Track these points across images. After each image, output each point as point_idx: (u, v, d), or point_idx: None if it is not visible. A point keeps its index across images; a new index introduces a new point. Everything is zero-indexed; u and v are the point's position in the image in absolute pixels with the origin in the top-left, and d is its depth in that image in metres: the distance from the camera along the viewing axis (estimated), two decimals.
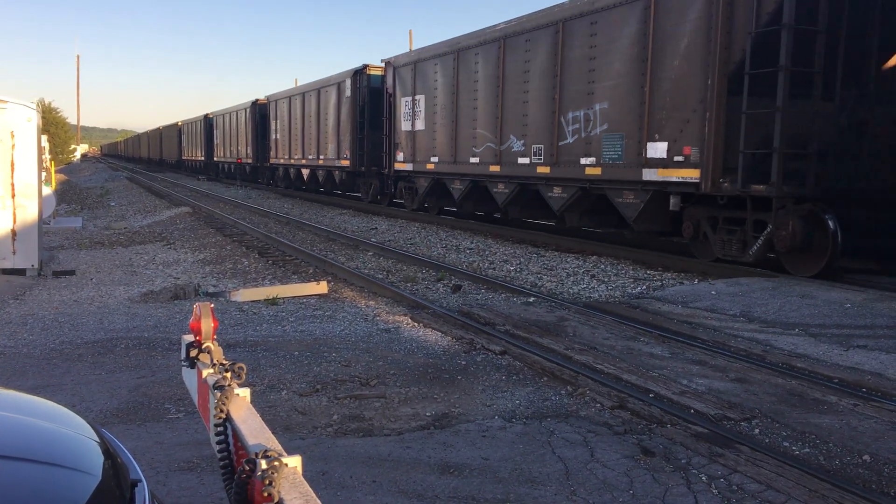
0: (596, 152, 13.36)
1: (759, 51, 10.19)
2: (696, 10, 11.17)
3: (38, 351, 7.04)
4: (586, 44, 13.46)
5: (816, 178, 10.42)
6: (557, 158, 14.45)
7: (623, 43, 12.61)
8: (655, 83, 11.95)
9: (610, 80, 12.96)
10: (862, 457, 4.61)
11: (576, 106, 13.82)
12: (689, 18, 11.32)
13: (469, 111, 17.44)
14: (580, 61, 13.64)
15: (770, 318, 8.38)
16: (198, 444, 4.65)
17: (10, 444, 1.82)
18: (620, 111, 12.78)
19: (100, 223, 21.65)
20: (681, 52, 11.45)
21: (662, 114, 11.89)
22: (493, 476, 4.28)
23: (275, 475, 1.48)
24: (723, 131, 10.88)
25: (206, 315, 2.30)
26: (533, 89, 15.05)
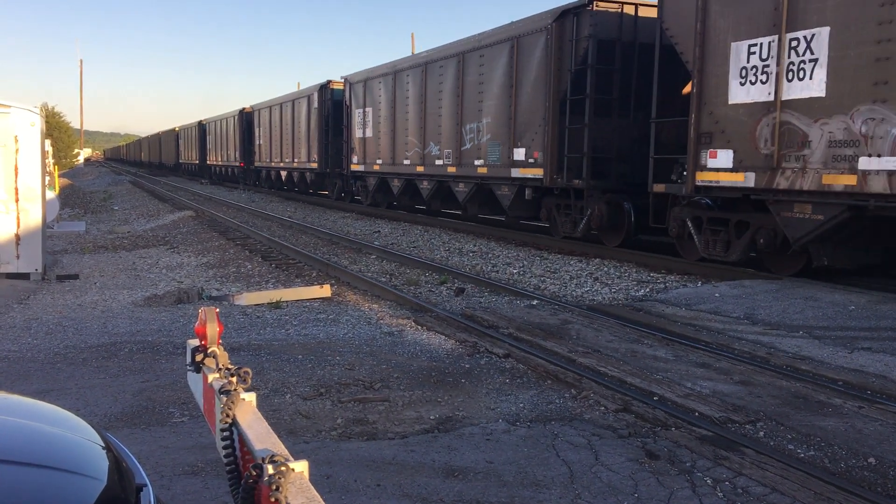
0: (484, 156, 17.20)
1: (575, 83, 14.16)
2: (539, 52, 15.05)
3: (43, 355, 7.05)
4: (477, 72, 17.41)
5: (616, 175, 14.19)
6: (461, 160, 18.25)
7: (499, 72, 16.50)
8: (518, 104, 15.84)
9: (492, 101, 16.81)
10: (867, 459, 4.60)
11: (471, 119, 17.70)
12: (535, 58, 15.14)
13: (403, 122, 21.10)
14: (473, 85, 17.58)
15: (774, 320, 8.37)
16: (202, 448, 4.66)
17: (16, 449, 1.82)
18: (498, 124, 16.61)
19: (103, 227, 21.69)
20: (531, 82, 15.33)
21: (522, 127, 15.75)
22: (497, 480, 4.28)
23: (282, 480, 1.48)
24: (556, 141, 14.71)
25: (211, 320, 2.30)
26: (445, 105, 18.90)
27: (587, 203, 14.40)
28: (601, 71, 13.84)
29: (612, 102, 14.06)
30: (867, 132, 9.02)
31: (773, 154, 10.19)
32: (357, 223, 21.58)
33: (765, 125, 10.36)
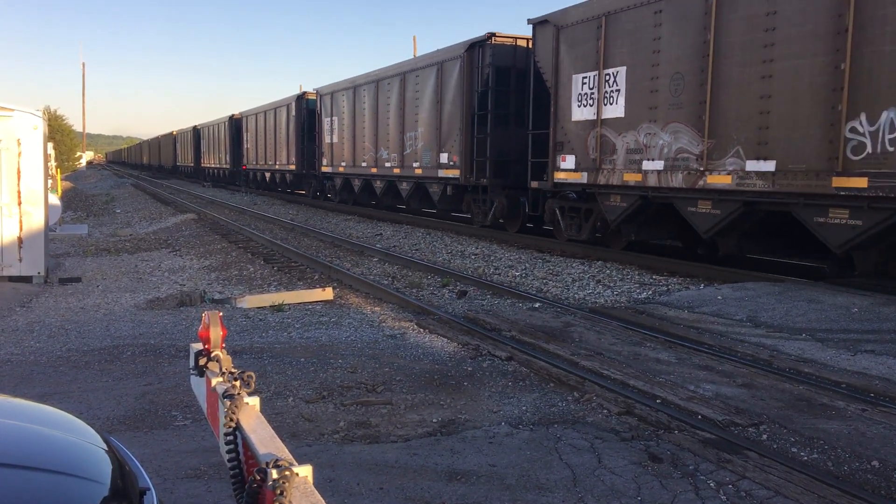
0: (420, 159, 20.41)
1: (481, 101, 17.66)
2: (455, 75, 18.42)
3: (45, 358, 7.05)
4: (414, 89, 20.72)
5: (513, 174, 17.16)
6: (403, 163, 21.46)
7: (429, 91, 19.81)
8: (442, 117, 19.18)
9: (424, 114, 20.13)
10: (871, 462, 4.59)
11: (410, 129, 20.95)
12: (454, 80, 18.54)
13: (361, 130, 24.40)
14: (412, 100, 20.82)
15: (777, 322, 8.36)
16: (205, 452, 4.66)
17: (19, 453, 1.82)
18: (429, 133, 19.87)
19: (105, 230, 21.71)
20: (451, 100, 18.77)
21: (445, 136, 19.07)
22: (500, 483, 4.27)
23: (286, 485, 1.48)
24: (469, 147, 18.05)
25: (214, 324, 2.30)
26: (392, 116, 22.11)
27: (491, 197, 17.93)
28: (499, 91, 17.26)
29: (509, 116, 17.33)
30: (647, 143, 12.46)
31: (596, 158, 13.64)
32: (359, 226, 21.60)
33: (592, 137, 13.78)
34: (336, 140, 26.84)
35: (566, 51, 14.27)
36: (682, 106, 11.77)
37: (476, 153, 17.80)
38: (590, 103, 13.73)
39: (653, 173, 12.29)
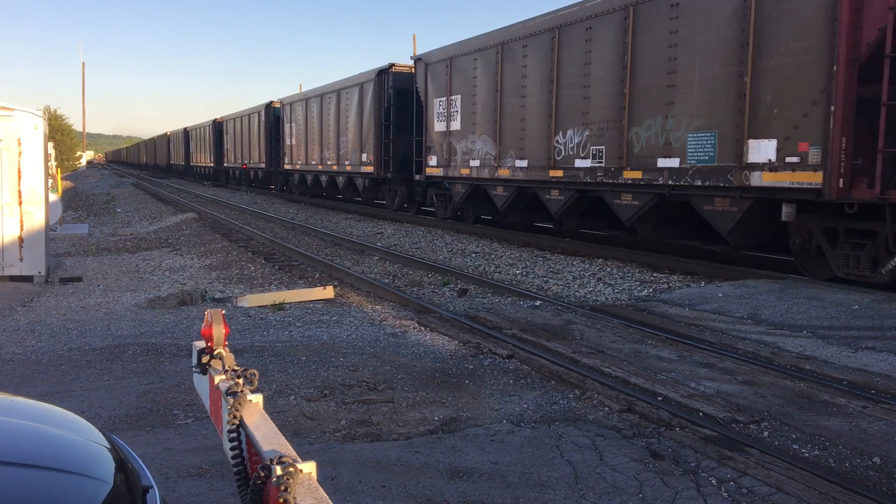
0: (349, 159, 25.92)
1: (387, 115, 22.53)
2: (371, 94, 23.40)
3: (47, 358, 7.06)
4: (346, 104, 26.00)
5: (410, 170, 21.59)
6: (339, 162, 26.93)
7: (355, 105, 25.04)
8: (362, 126, 24.64)
9: (352, 123, 25.50)
10: (872, 459, 4.60)
11: (343, 134, 26.44)
12: (369, 98, 23.51)
13: (311, 134, 29.66)
14: (344, 112, 26.13)
15: (778, 320, 8.36)
16: (207, 450, 4.66)
17: (22, 451, 1.82)
18: (355, 139, 25.23)
19: (106, 229, 21.72)
20: (367, 113, 23.91)
21: (365, 140, 24.34)
22: (501, 480, 4.28)
23: (290, 481, 1.48)
24: (380, 150, 22.91)
25: (217, 322, 2.30)
26: (331, 124, 27.43)
27: (394, 187, 23.48)
28: (398, 108, 22.41)
29: (406, 127, 21.91)
30: (472, 148, 17.98)
31: (447, 158, 19.19)
32: (359, 224, 21.61)
33: (444, 143, 19.33)
34: (294, 143, 32.02)
35: (431, 81, 19.94)
36: (487, 124, 17.31)
37: (384, 154, 22.83)
38: (443, 119, 19.36)
39: (474, 168, 17.89)
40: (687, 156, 11.65)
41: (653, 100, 12.27)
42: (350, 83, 25.30)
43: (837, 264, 9.99)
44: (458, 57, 18.32)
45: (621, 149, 12.97)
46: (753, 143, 10.53)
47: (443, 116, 19.24)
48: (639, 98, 12.58)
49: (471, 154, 17.88)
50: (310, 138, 29.51)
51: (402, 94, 22.18)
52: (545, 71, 14.92)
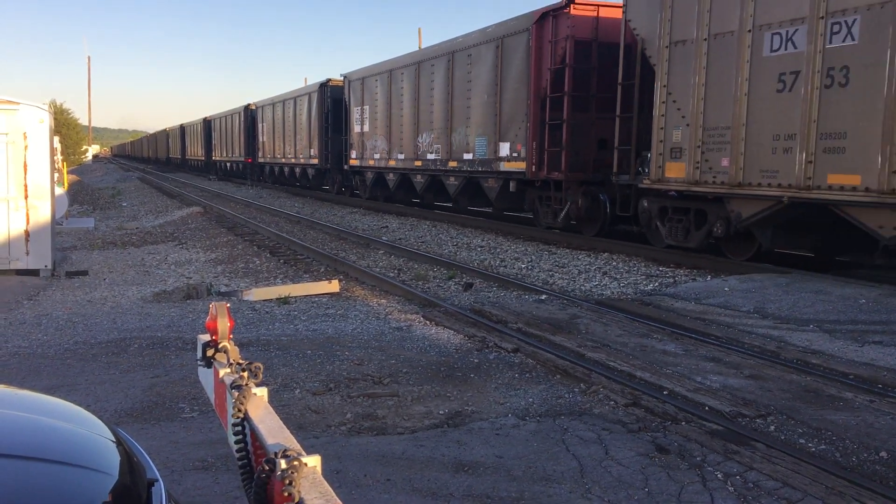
0: (305, 153, 31.46)
1: (328, 121, 28.25)
2: (316, 103, 29.02)
3: (53, 351, 7.08)
4: (298, 110, 32.10)
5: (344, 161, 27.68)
6: (296, 155, 32.84)
7: (305, 111, 30.90)
8: (311, 129, 30.25)
9: (304, 125, 31.46)
10: (879, 453, 4.58)
11: (300, 135, 32.08)
12: (315, 106, 29.27)
13: (278, 134, 35.55)
14: (301, 116, 31.99)
15: (784, 314, 8.34)
16: (212, 444, 4.67)
17: (28, 444, 1.82)
18: (309, 138, 30.58)
19: (112, 223, 21.76)
20: (314, 118, 29.45)
21: (314, 139, 29.78)
22: (507, 474, 4.27)
23: (294, 475, 1.47)
24: (323, 146, 28.64)
25: (222, 315, 2.29)
26: (289, 127, 33.90)
27: (333, 175, 29.45)
28: (335, 113, 27.87)
29: (340, 128, 27.20)
30: (376, 145, 23.67)
31: (362, 152, 25.08)
32: (365, 218, 21.61)
33: (360, 141, 25.26)
34: (266, 140, 37.08)
35: (352, 94, 26.03)
36: (384, 127, 23.21)
37: (324, 149, 28.81)
38: (359, 123, 25.31)
39: (377, 160, 23.97)
40: (476, 152, 18.05)
41: (461, 115, 18.67)
42: (301, 93, 31.47)
43: (543, 216, 16.52)
44: (368, 77, 24.56)
45: (448, 147, 19.31)
46: (501, 144, 16.91)
47: (359, 121, 25.22)
48: (455, 113, 18.98)
49: (375, 149, 24.03)
50: (276, 136, 35.62)
51: (337, 102, 27.68)
52: (412, 91, 21.31)
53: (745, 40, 10.65)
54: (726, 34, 10.97)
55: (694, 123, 11.64)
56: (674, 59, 12.03)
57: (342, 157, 27.07)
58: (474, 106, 17.84)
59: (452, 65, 18.96)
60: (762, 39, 10.43)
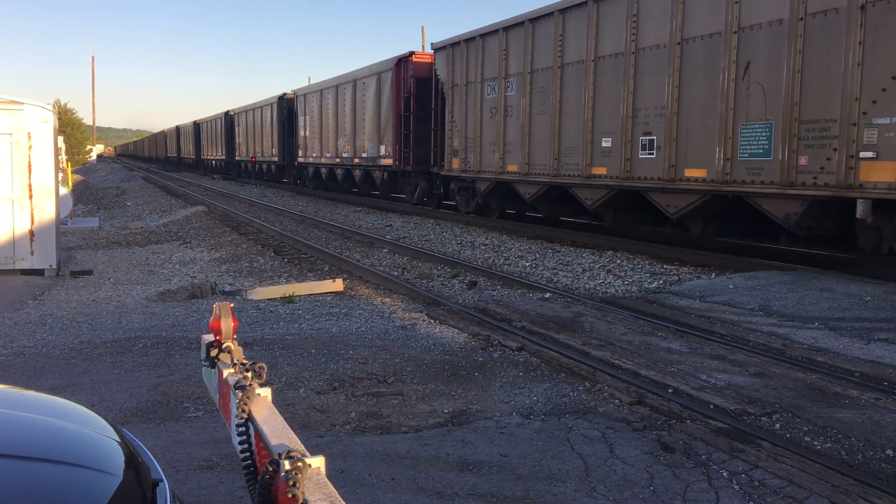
0: (266, 152, 38.19)
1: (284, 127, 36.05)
2: (274, 112, 36.01)
3: (58, 351, 7.09)
4: (258, 119, 39.35)
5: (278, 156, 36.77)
6: (262, 154, 38.47)
7: (268, 119, 37.41)
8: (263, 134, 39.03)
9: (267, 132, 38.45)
10: (885, 451, 4.57)
11: (259, 136, 39.11)
12: (273, 114, 36.38)
13: (248, 136, 42.01)
14: (259, 125, 39.50)
15: (789, 311, 8.32)
16: (217, 443, 4.67)
17: (32, 445, 1.82)
18: (270, 143, 37.27)
19: (116, 223, 21.79)
20: (270, 125, 37.03)
21: (270, 141, 37.31)
22: (511, 473, 4.27)
23: (299, 476, 1.47)
24: (280, 145, 35.95)
25: (225, 315, 2.29)
26: (252, 134, 41.07)
27: (290, 170, 35.63)
28: (289, 121, 34.18)
29: (294, 133, 33.66)
30: (317, 146, 30.35)
31: (306, 152, 31.79)
32: (368, 217, 21.61)
33: (304, 143, 32.07)
34: (241, 141, 42.65)
35: (298, 106, 32.67)
36: (323, 134, 29.09)
37: (283, 149, 35.48)
38: (304, 128, 31.70)
39: (314, 158, 30.60)
40: (368, 152, 24.64)
41: (360, 126, 25.23)
42: (265, 103, 37.49)
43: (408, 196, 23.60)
44: (308, 94, 31.34)
45: (354, 148, 25.96)
46: (381, 147, 23.33)
47: (303, 127, 32.01)
48: (357, 124, 25.56)
49: (313, 149, 30.82)
50: (248, 138, 41.48)
51: (290, 112, 34.13)
52: (333, 107, 27.98)
53: (478, 88, 18.14)
54: (471, 83, 18.50)
55: (461, 135, 19.08)
56: (454, 94, 19.47)
57: (294, 155, 34.01)
58: (367, 119, 24.69)
59: (355, 89, 25.78)
60: (484, 88, 17.90)
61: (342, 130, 27.26)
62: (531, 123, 16.14)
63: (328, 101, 28.60)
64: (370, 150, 24.42)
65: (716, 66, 11.32)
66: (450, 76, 19.43)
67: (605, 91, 13.81)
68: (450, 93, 19.43)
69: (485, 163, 17.95)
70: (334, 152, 28.11)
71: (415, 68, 21.87)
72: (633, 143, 13.11)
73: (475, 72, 18.11)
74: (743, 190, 10.94)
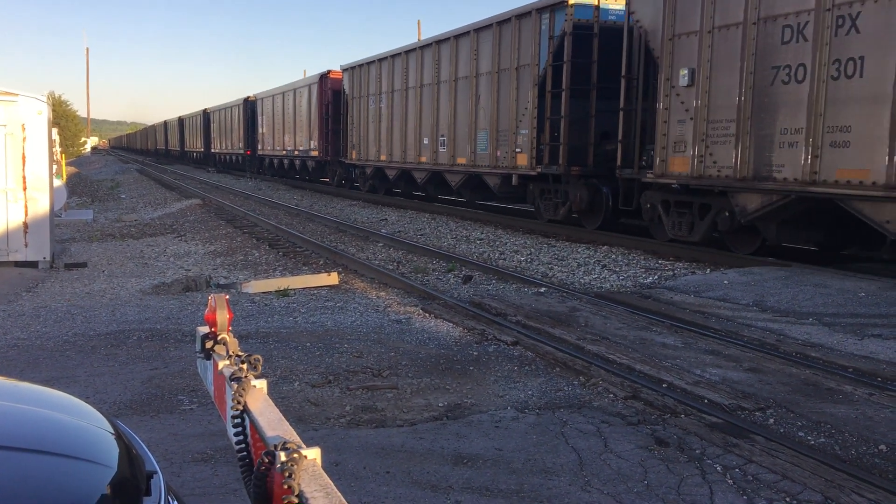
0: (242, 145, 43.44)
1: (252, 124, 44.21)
2: (240, 112, 42.86)
3: (52, 343, 7.07)
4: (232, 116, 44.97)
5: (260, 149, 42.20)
6: (241, 147, 42.95)
7: (237, 117, 43.30)
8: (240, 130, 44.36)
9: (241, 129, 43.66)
10: (878, 447, 4.58)
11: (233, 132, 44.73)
12: (239, 115, 43.32)
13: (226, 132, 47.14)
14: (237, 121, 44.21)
15: (783, 307, 8.34)
16: (211, 436, 4.66)
17: (27, 436, 1.81)
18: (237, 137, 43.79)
19: (110, 215, 21.73)
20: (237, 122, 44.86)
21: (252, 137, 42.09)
22: (506, 467, 4.27)
23: (294, 467, 1.46)
24: (246, 140, 42.91)
25: (221, 307, 2.28)
26: (232, 128, 45.41)
27: (252, 161, 40.98)
28: (252, 120, 40.95)
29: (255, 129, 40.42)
30: (271, 142, 37.10)
31: (264, 146, 38.65)
32: (364, 211, 21.58)
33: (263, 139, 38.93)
34: (215, 136, 49.36)
35: (256, 108, 39.12)
36: (272, 130, 36.13)
37: (249, 143, 41.04)
38: (263, 126, 37.95)
39: (269, 151, 37.17)
40: (308, 147, 30.44)
41: (299, 125, 31.61)
42: (234, 104, 43.23)
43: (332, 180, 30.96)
44: (263, 98, 37.82)
45: (295, 142, 31.83)
46: (311, 142, 30.23)
47: (261, 125, 38.52)
48: (298, 127, 31.87)
49: (269, 144, 36.96)
50: (222, 135, 47.17)
51: (252, 112, 39.97)
52: (281, 109, 34.17)
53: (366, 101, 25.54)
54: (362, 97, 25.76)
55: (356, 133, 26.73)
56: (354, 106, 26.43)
57: (255, 148, 40.24)
58: (302, 120, 31.66)
59: (295, 95, 32.64)
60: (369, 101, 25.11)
61: (287, 128, 34.06)
62: (392, 126, 23.12)
63: (280, 103, 35.02)
64: (306, 144, 31.29)
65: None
66: (351, 90, 26.74)
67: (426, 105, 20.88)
68: (351, 102, 26.73)
69: (370, 153, 25.11)
70: (282, 146, 35.06)
71: (332, 83, 29.18)
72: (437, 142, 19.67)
73: (365, 88, 25.39)
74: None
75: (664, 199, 12.77)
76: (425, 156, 20.81)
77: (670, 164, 12.15)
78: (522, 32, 16.17)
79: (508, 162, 16.77)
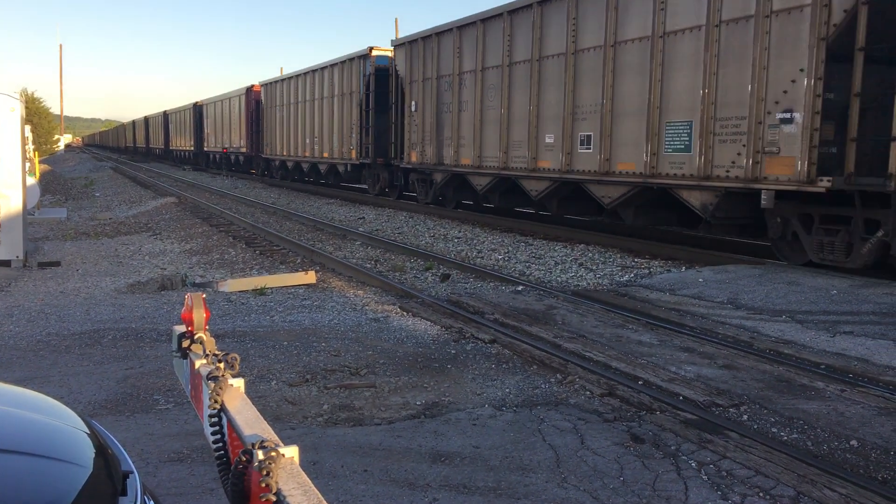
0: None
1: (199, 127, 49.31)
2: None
3: (25, 342, 6.99)
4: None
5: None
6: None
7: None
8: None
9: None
10: (849, 442, 4.65)
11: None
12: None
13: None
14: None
15: (757, 304, 8.43)
16: (187, 435, 4.64)
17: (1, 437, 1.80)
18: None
19: (85, 214, 21.49)
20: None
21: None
22: (484, 464, 4.29)
23: (272, 466, 1.47)
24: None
25: (197, 305, 2.28)
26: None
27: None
28: (199, 123, 46.63)
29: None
30: (215, 142, 42.57)
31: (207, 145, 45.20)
32: (341, 209, 21.52)
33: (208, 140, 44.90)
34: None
35: (205, 112, 42.99)
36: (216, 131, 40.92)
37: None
38: (208, 127, 42.15)
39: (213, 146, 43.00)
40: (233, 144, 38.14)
41: (234, 129, 37.45)
42: (185, 108, 47.71)
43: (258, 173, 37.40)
44: (206, 105, 41.89)
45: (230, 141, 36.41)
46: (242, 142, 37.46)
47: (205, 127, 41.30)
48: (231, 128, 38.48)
49: (216, 142, 38.90)
50: (179, 133, 51.63)
51: (200, 116, 44.31)
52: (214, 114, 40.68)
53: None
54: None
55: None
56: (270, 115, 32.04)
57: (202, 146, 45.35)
58: (237, 123, 37.44)
59: (230, 103, 38.29)
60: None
61: (225, 129, 40.20)
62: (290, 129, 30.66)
63: (219, 109, 40.96)
64: (237, 142, 37.76)
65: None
66: (266, 101, 33.31)
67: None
68: (266, 111, 33.48)
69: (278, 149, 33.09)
70: (221, 143, 39.85)
71: (255, 94, 35.40)
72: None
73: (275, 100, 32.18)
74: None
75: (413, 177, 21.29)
76: (308, 151, 29.19)
77: (409, 156, 20.71)
78: (353, 70, 24.38)
79: (349, 155, 25.05)
